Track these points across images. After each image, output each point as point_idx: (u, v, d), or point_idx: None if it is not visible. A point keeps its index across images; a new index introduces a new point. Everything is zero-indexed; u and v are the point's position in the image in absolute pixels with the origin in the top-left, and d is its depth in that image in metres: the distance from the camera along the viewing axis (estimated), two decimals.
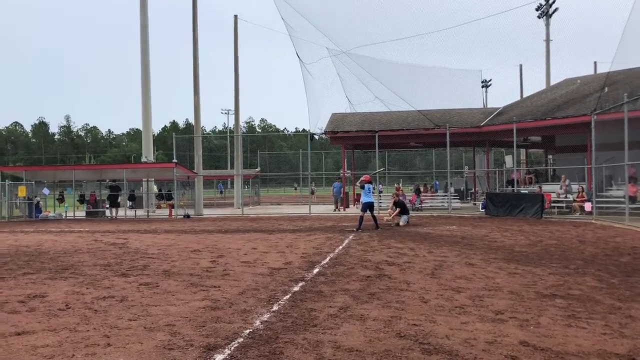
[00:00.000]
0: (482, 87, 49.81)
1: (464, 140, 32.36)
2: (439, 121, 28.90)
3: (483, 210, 24.34)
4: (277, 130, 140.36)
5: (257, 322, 5.97)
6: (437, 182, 37.27)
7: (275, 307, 6.70)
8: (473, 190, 34.82)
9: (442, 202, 29.41)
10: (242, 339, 5.33)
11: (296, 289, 7.89)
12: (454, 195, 29.53)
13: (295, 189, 66.79)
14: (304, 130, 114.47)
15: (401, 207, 19.18)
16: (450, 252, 11.71)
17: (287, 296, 7.36)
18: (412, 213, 21.55)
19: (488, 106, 39.04)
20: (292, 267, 9.97)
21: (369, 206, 17.31)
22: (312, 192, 40.44)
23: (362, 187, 17.46)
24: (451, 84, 33.24)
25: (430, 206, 28.92)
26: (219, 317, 6.23)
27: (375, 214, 17.73)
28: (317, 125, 33.06)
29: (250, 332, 5.59)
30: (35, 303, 7.20)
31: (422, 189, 30.39)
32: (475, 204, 30.73)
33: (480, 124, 29.17)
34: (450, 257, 10.94)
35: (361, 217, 17.23)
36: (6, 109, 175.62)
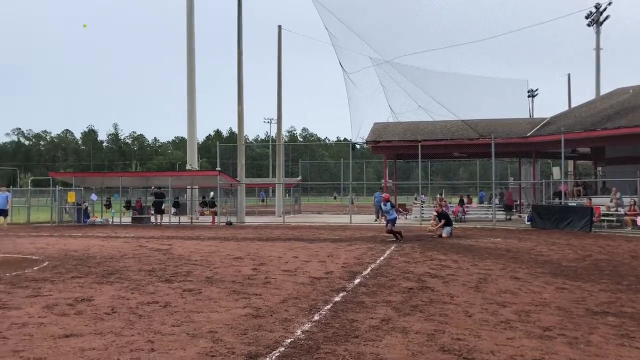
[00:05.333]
0: (529, 97, 48.80)
1: (510, 151, 31.72)
2: (484, 131, 28.41)
3: (529, 223, 23.76)
4: (319, 139, 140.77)
5: (299, 332, 5.95)
6: (483, 194, 36.58)
7: (316, 317, 6.67)
8: (519, 202, 34.03)
9: (486, 213, 28.84)
10: (283, 348, 5.32)
11: (337, 299, 7.84)
12: (499, 207, 28.93)
13: (335, 198, 66.75)
14: (345, 139, 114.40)
15: (445, 219, 18.93)
16: (494, 265, 11.45)
17: (328, 306, 7.32)
18: (454, 224, 21.18)
19: (534, 116, 38.17)
20: (333, 276, 9.93)
21: (393, 221, 17.79)
22: (352, 202, 40.30)
23: (392, 206, 18.00)
24: (497, 93, 32.66)
25: (476, 218, 28.40)
26: (260, 325, 6.24)
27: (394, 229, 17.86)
28: (359, 134, 33.04)
29: (291, 341, 5.57)
30: (83, 306, 7.38)
31: (465, 200, 29.91)
32: (520, 217, 30.02)
33: (526, 134, 28.54)
34: (494, 271, 10.70)
35: (393, 231, 17.58)
36: (58, 117, 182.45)
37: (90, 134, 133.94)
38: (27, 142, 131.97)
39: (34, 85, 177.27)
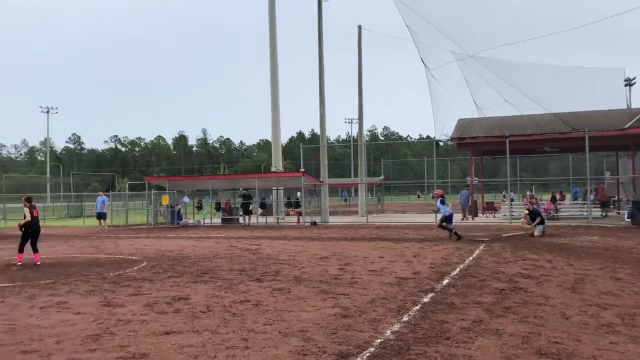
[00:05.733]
0: (625, 85, 45.83)
1: (605, 144, 29.93)
2: (576, 124, 26.99)
3: (629, 220, 22.34)
4: (400, 137, 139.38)
5: (388, 332, 5.95)
6: (577, 189, 34.80)
7: (405, 318, 6.63)
8: (616, 198, 32.08)
9: (580, 210, 27.41)
10: (373, 349, 5.33)
11: (426, 300, 7.75)
12: (595, 204, 27.41)
13: (419, 197, 65.84)
14: (428, 137, 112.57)
15: (539, 217, 18.22)
16: (592, 265, 10.87)
17: (417, 307, 7.26)
18: (547, 222, 20.28)
19: (632, 106, 35.81)
20: (421, 277, 9.82)
21: (448, 218, 17.59)
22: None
23: (442, 202, 17.75)
24: (590, 84, 30.90)
25: (569, 215, 27.06)
26: (350, 325, 6.29)
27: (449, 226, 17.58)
28: (443, 131, 32.27)
29: (381, 342, 5.57)
30: (180, 305, 7.74)
31: (558, 197, 28.58)
32: (619, 213, 28.29)
33: (624, 125, 26.83)
34: (592, 271, 10.16)
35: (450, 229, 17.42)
36: (151, 125, 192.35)
37: (180, 139, 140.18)
38: (123, 149, 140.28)
39: (129, 93, 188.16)
